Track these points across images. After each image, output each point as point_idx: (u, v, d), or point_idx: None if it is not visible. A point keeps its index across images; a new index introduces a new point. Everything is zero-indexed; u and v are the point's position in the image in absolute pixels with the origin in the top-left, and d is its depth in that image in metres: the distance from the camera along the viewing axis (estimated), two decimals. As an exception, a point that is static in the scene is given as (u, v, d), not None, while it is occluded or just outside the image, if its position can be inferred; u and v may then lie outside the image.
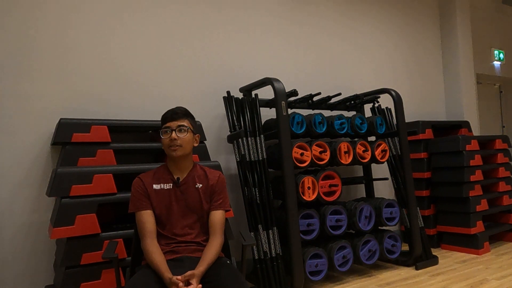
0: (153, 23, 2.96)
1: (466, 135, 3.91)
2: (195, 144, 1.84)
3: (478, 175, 3.71)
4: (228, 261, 1.75)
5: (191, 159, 1.86)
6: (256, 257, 2.66)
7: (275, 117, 2.97)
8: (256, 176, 2.74)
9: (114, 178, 2.25)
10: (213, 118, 3.15)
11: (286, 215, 2.69)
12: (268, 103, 3.13)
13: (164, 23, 3.00)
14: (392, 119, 3.59)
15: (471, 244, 3.63)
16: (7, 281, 2.33)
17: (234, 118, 2.85)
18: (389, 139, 3.48)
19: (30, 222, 2.42)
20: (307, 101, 3.26)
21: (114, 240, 1.89)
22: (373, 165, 4.01)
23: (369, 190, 3.68)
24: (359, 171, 3.93)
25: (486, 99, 5.77)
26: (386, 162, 3.71)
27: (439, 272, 3.13)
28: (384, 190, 4.16)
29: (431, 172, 3.95)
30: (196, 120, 2.09)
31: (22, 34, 2.48)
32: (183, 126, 1.76)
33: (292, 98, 3.36)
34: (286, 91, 3.11)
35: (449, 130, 4.42)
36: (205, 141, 2.81)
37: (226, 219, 1.92)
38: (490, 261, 3.36)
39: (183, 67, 3.06)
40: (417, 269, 3.22)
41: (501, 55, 5.67)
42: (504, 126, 6.06)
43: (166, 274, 1.52)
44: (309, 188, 2.88)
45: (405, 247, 3.74)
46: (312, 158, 2.92)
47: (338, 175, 3.06)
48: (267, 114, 3.40)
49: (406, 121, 4.16)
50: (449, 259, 3.49)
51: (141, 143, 2.54)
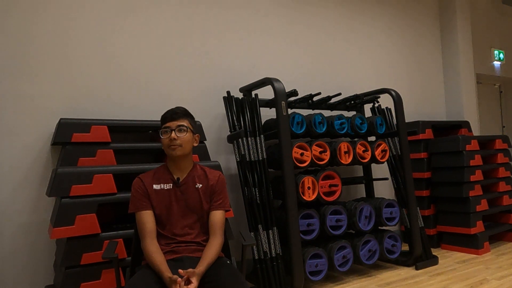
0: (153, 23, 2.96)
1: (466, 135, 3.91)
2: (195, 144, 1.84)
3: (478, 175, 3.71)
4: (228, 261, 1.75)
5: (191, 159, 1.86)
6: (256, 257, 2.66)
7: (275, 117, 2.97)
8: (256, 176, 2.74)
9: (114, 178, 2.25)
10: (213, 118, 3.15)
11: (286, 215, 2.69)
12: (268, 103, 3.13)
13: (164, 23, 3.00)
14: (392, 119, 3.59)
15: (471, 244, 3.63)
16: (7, 281, 2.33)
17: (234, 118, 2.85)
18: (389, 139, 3.48)
19: (30, 222, 2.42)
20: (307, 101, 3.26)
21: (114, 240, 1.89)
22: (373, 165, 4.01)
23: (369, 190, 3.68)
24: (359, 171, 3.93)
25: (486, 99, 5.77)
26: (386, 162, 3.71)
27: (439, 272, 3.13)
28: (384, 190, 4.15)
29: (431, 172, 3.95)
30: (196, 120, 2.09)
31: (22, 34, 2.48)
32: (183, 126, 1.76)
33: (292, 98, 3.36)
34: (286, 91, 3.11)
35: (449, 130, 4.42)
36: (205, 141, 2.81)
37: (226, 219, 1.92)
38: (490, 261, 3.36)
39: (183, 67, 3.06)
40: (417, 269, 3.22)
41: (501, 55, 5.67)
42: (504, 126, 6.06)
43: (166, 274, 1.52)
44: (309, 188, 2.88)
45: (405, 247, 3.74)
46: (312, 158, 2.92)
47: (338, 175, 3.06)
48: (267, 114, 3.40)
49: (406, 121, 4.16)
50: (449, 259, 3.48)
51: (141, 143, 2.54)
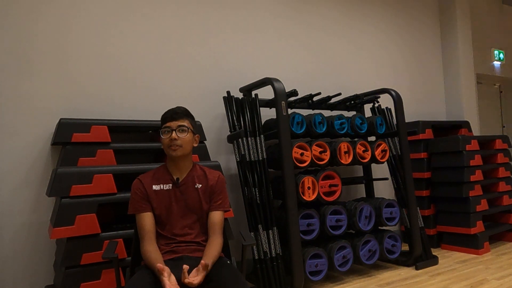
0: (153, 23, 2.96)
1: (466, 135, 3.91)
2: (195, 144, 1.84)
3: (478, 175, 3.71)
4: (228, 261, 1.75)
5: (191, 159, 1.86)
6: (256, 257, 2.66)
7: (275, 117, 2.96)
8: (256, 176, 2.74)
9: (114, 178, 2.25)
10: (213, 118, 3.15)
11: (286, 215, 2.69)
12: (268, 103, 3.13)
13: (164, 23, 3.00)
14: (392, 119, 3.59)
15: (471, 244, 3.63)
16: (7, 281, 2.33)
17: (234, 118, 2.85)
18: (389, 139, 3.48)
19: (30, 222, 2.42)
20: (307, 101, 3.26)
21: (114, 240, 1.89)
22: (373, 165, 4.01)
23: (369, 190, 3.68)
24: (359, 171, 3.93)
25: (486, 99, 5.77)
26: (386, 162, 3.71)
27: (439, 272, 3.13)
28: (384, 190, 4.15)
29: (431, 172, 3.95)
30: (196, 120, 2.09)
31: (22, 34, 2.48)
32: (183, 126, 1.76)
33: (292, 98, 3.36)
34: (286, 91, 3.11)
35: (449, 130, 4.42)
36: (205, 141, 2.81)
37: (226, 219, 1.92)
38: (490, 261, 3.36)
39: (183, 67, 3.06)
40: (417, 269, 3.22)
41: (501, 55, 5.67)
42: (504, 126, 6.06)
43: (157, 264, 1.48)
44: (309, 188, 2.88)
45: (405, 247, 3.74)
46: (312, 158, 2.92)
47: (338, 175, 3.06)
48: (267, 114, 3.40)
49: (406, 121, 4.16)
50: (449, 259, 3.48)
51: (141, 143, 2.54)
